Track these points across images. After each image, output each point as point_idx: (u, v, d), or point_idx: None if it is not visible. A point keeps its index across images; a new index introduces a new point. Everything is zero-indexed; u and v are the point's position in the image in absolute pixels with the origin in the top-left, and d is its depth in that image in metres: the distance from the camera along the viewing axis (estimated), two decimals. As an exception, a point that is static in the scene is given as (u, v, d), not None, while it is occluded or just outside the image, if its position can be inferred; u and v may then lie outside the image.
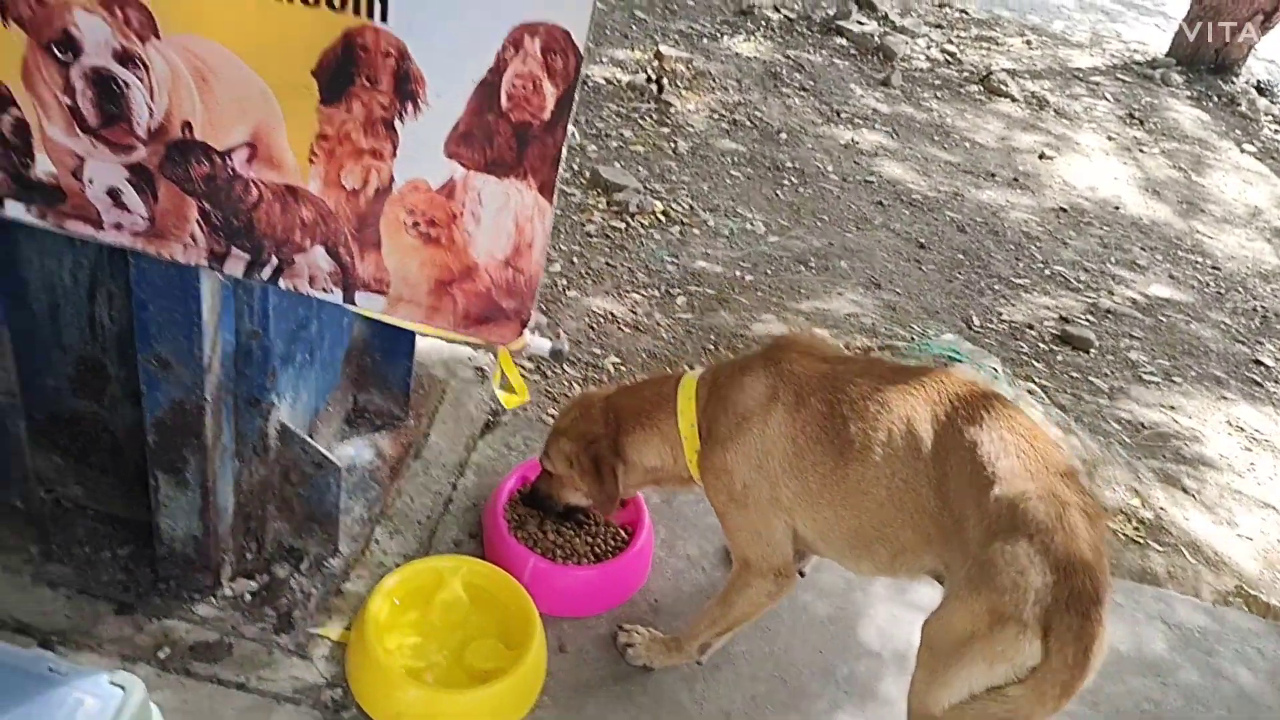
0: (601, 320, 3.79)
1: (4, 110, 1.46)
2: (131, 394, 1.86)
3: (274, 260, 1.56)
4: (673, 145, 5.22)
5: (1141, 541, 3.25)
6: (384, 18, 1.33)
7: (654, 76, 5.68)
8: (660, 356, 3.65)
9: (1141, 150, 6.64)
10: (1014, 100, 6.82)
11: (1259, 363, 4.60)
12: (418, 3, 1.32)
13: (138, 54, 1.38)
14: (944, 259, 4.87)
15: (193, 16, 1.35)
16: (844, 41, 6.92)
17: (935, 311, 4.43)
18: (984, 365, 3.67)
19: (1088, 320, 4.64)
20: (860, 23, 7.10)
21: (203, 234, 1.54)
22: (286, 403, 1.96)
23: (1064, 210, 5.66)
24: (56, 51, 1.39)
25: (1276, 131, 7.49)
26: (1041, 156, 6.19)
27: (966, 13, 8.21)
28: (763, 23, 6.89)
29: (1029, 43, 7.96)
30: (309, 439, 1.96)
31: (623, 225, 4.43)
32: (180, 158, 1.47)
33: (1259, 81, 8.17)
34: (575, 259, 4.11)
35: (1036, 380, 4.09)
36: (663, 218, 4.57)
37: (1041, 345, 4.37)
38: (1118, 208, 5.83)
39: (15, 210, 1.56)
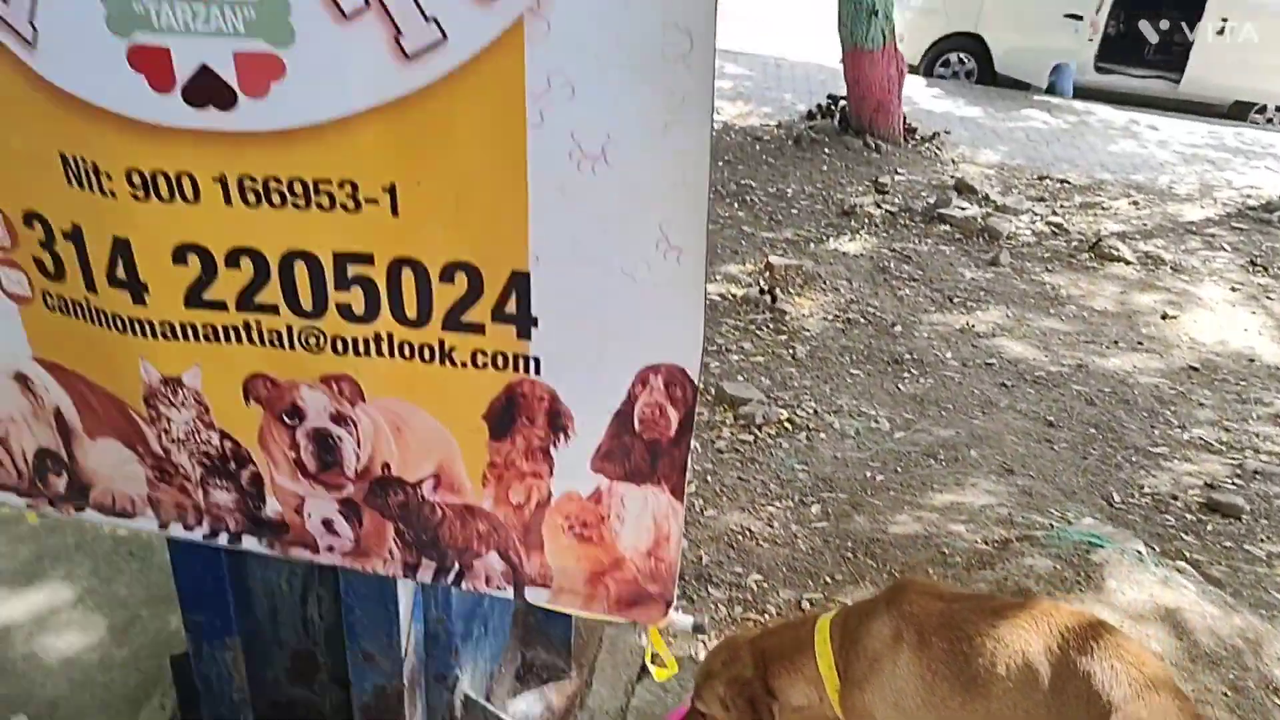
0: (740, 537, 3.97)
1: (244, 467, 1.83)
2: (338, 679, 2.15)
3: (456, 566, 1.85)
4: (791, 351, 5.50)
5: (1323, 726, 3.13)
6: (537, 371, 1.65)
7: (766, 288, 6.04)
8: (800, 569, 3.79)
9: (1269, 297, 6.57)
10: (1127, 263, 6.88)
11: None
12: (563, 360, 1.63)
13: (349, 415, 1.73)
14: (1075, 435, 4.89)
15: (391, 384, 1.70)
16: (948, 228, 7.17)
17: (1072, 492, 4.44)
18: (1127, 549, 3.67)
19: (1235, 484, 4.55)
20: (962, 208, 7.37)
21: (398, 549, 1.86)
22: (467, 673, 2.22)
23: (1195, 369, 5.62)
24: (285, 418, 1.76)
25: None
26: (1164, 316, 6.20)
27: (1068, 181, 8.40)
28: (866, 220, 7.24)
29: (1135, 203, 8.06)
30: (489, 705, 2.21)
31: (751, 438, 4.67)
32: (381, 491, 1.80)
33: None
34: (709, 477, 4.35)
35: (1187, 555, 4.02)
36: (789, 425, 4.79)
37: (1188, 516, 4.31)
38: (1252, 360, 5.75)
39: (250, 543, 1.91)
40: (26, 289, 1.73)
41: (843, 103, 8.77)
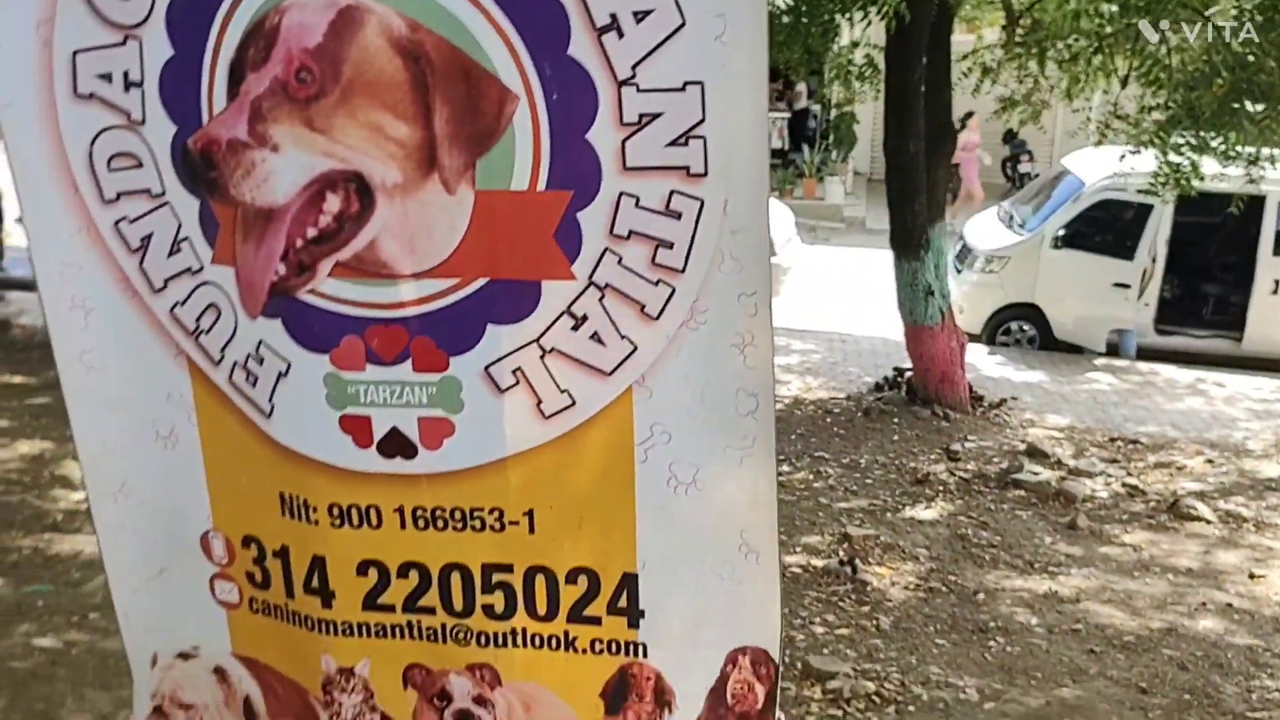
0: (835, 818, 4.04)
1: (400, 742, 2.18)
2: None
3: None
4: (875, 622, 5.64)
5: None
6: (645, 655, 2.01)
7: (846, 559, 6.26)
8: None
9: (1358, 553, 6.55)
10: (1208, 522, 6.95)
11: None
12: (666, 644, 1.99)
13: (489, 698, 2.08)
14: (1170, 702, 4.88)
15: (524, 669, 2.06)
16: (1022, 493, 7.37)
17: (1172, 764, 4.42)
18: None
19: (1343, 752, 4.48)
20: (1035, 472, 7.60)
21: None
22: None
23: (1288, 630, 5.60)
24: (436, 701, 2.12)
25: None
26: (1251, 576, 6.21)
27: (1139, 442, 8.60)
28: (940, 487, 7.50)
29: (1210, 461, 8.19)
30: None
31: (839, 713, 4.77)
32: (512, 762, 2.12)
33: None
34: (801, 756, 4.46)
35: (1299, 831, 3.95)
36: (877, 699, 4.88)
37: (1297, 788, 4.25)
38: (1347, 619, 5.72)
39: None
40: (236, 597, 2.17)
41: (908, 374, 9.25)
